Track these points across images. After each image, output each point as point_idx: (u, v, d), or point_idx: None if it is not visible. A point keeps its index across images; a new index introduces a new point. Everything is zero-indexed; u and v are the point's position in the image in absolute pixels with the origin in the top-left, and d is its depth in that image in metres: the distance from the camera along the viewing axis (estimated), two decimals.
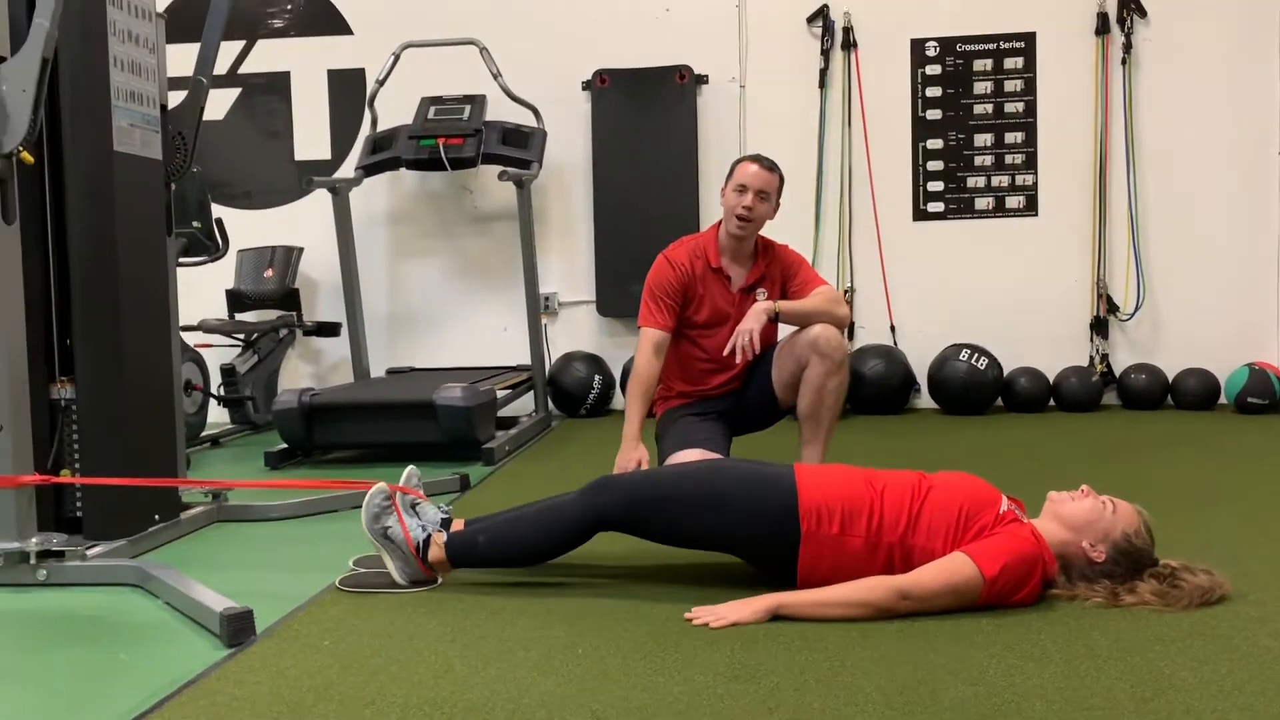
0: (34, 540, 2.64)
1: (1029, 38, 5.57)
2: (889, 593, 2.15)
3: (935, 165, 5.65)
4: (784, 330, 3.30)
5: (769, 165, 3.27)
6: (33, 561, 2.62)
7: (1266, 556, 2.60)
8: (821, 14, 5.60)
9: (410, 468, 2.58)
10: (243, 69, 5.92)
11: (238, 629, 2.14)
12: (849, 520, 2.27)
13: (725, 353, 3.11)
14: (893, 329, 5.64)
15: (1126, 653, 1.96)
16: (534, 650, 2.04)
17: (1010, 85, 5.59)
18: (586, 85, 5.72)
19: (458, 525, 2.54)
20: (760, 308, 3.13)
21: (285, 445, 4.38)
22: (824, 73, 5.62)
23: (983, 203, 5.64)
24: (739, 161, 3.32)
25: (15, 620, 2.41)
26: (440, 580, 2.45)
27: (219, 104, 5.86)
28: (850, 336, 5.62)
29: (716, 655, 1.99)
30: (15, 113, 2.57)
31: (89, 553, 2.71)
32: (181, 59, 3.62)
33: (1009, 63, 5.58)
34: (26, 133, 2.58)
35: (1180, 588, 2.22)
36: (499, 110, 5.49)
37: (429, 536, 2.43)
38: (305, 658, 2.04)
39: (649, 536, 2.42)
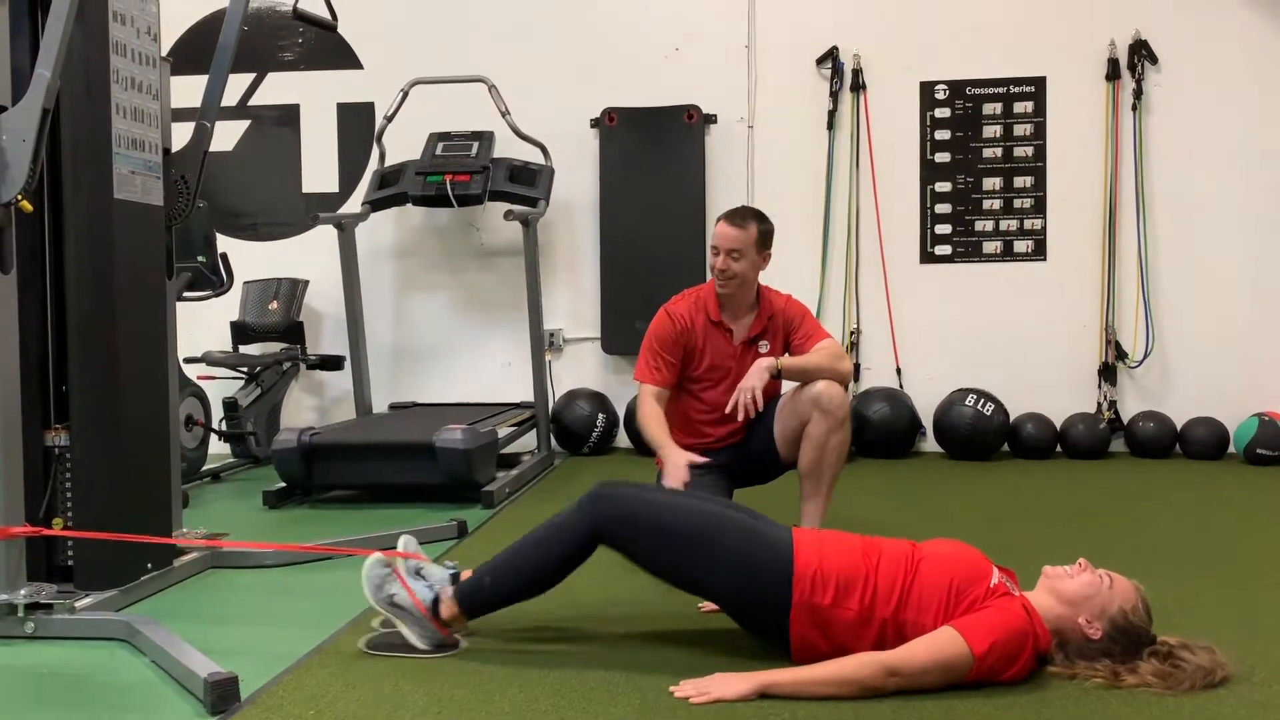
0: (22, 592, 2.62)
1: (1039, 82, 5.55)
2: (877, 670, 2.11)
3: (943, 208, 5.62)
4: (787, 384, 3.27)
5: (739, 222, 3.21)
6: (20, 614, 2.60)
7: (1272, 632, 2.55)
8: (831, 55, 5.59)
9: (405, 536, 2.54)
10: (253, 101, 5.94)
11: (221, 695, 2.11)
12: (843, 592, 2.23)
13: (728, 410, 3.09)
14: (899, 371, 5.60)
15: None
16: None
17: (1020, 129, 5.57)
18: (595, 123, 5.72)
19: (466, 576, 2.52)
20: (762, 365, 3.11)
21: (284, 484, 4.36)
22: (833, 114, 5.61)
23: (991, 246, 5.61)
24: (719, 219, 3.27)
25: None
26: (462, 642, 2.41)
27: (228, 135, 5.88)
28: (856, 378, 5.59)
29: None
30: (15, 162, 2.56)
31: (79, 604, 2.69)
32: (188, 91, 3.61)
33: (1019, 107, 5.56)
34: (25, 182, 2.57)
35: (1181, 668, 2.17)
36: (507, 147, 5.49)
37: (437, 595, 2.38)
38: None
39: (637, 560, 2.36)
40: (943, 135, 5.61)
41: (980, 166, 5.60)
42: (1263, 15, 5.41)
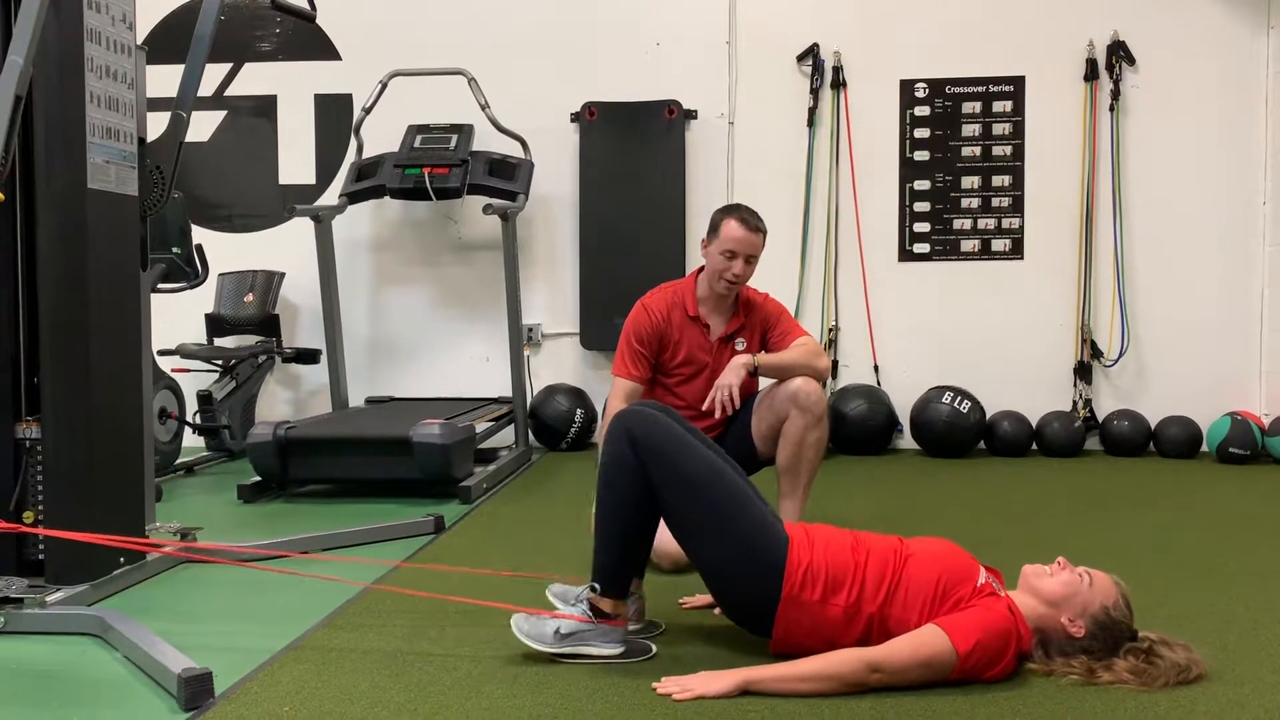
0: None
1: (1018, 81, 5.57)
2: (860, 666, 2.11)
3: (922, 206, 5.64)
4: (764, 381, 3.27)
5: (755, 225, 3.18)
6: None
7: (1245, 629, 2.57)
8: (811, 53, 5.60)
9: (550, 586, 2.50)
10: (229, 91, 5.89)
11: (196, 691, 2.09)
12: (831, 588, 2.23)
13: (705, 408, 3.08)
14: (876, 369, 5.62)
15: None
16: None
17: (998, 128, 5.59)
18: (575, 117, 5.70)
19: None
20: (739, 362, 3.10)
21: (259, 478, 4.33)
22: (813, 111, 5.61)
23: (969, 245, 5.63)
24: (724, 217, 3.21)
25: None
26: (653, 648, 2.36)
27: (205, 125, 5.82)
28: (834, 375, 5.60)
29: None
30: None
31: (50, 599, 2.65)
32: (164, 80, 3.58)
33: (998, 106, 5.59)
34: None
35: (1156, 665, 2.18)
36: (486, 140, 5.46)
37: (587, 602, 2.33)
38: None
39: (654, 486, 2.29)
40: (922, 134, 5.62)
41: (959, 165, 5.62)
42: (1239, 18, 5.46)
